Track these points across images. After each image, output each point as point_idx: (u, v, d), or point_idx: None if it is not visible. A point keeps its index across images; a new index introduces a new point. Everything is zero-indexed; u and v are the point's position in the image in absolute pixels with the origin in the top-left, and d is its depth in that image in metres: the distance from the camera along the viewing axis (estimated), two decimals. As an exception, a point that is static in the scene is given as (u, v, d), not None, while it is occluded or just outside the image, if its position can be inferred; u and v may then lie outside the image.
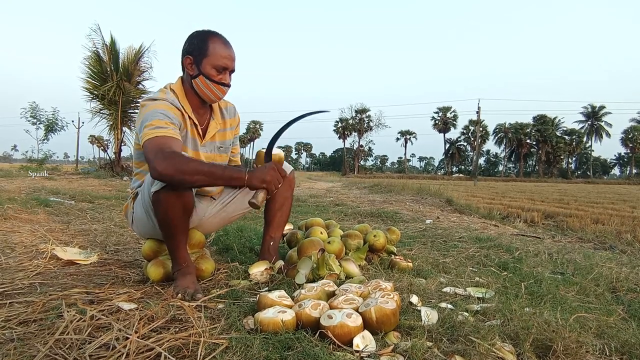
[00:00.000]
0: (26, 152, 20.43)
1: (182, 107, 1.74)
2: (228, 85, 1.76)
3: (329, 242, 2.01)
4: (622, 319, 1.45)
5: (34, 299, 1.42)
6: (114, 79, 11.74)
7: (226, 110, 1.96)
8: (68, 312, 1.25)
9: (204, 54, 1.69)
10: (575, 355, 1.08)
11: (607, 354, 1.12)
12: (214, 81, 1.72)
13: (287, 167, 2.12)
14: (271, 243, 2.05)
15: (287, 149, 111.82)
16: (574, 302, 1.59)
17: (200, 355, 1.03)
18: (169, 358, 0.99)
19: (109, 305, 1.33)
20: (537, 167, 75.09)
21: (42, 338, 1.08)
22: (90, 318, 1.19)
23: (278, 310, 1.23)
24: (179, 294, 1.52)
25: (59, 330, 1.10)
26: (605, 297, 1.72)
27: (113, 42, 12.07)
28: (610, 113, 69.19)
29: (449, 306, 1.49)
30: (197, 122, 1.79)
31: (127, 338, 1.07)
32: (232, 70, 1.77)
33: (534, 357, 1.11)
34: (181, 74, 1.82)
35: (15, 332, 1.13)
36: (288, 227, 2.48)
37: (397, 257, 2.15)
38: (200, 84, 1.73)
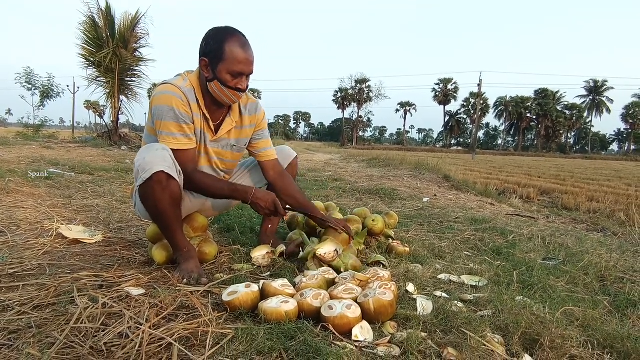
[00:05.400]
0: (22, 118, 20.24)
1: (197, 100, 1.68)
2: (244, 91, 1.68)
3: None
4: (608, 311, 1.53)
5: (45, 281, 1.48)
6: (110, 46, 11.43)
7: (245, 108, 1.88)
8: (80, 297, 1.31)
9: (220, 57, 1.60)
10: (561, 349, 1.15)
11: (591, 348, 1.19)
12: (229, 87, 1.64)
13: (291, 153, 2.15)
14: (269, 226, 2.12)
15: (285, 118, 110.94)
16: (563, 292, 1.66)
17: (209, 345, 1.09)
18: (179, 348, 1.06)
19: (118, 292, 1.38)
20: (536, 141, 74.96)
21: (58, 325, 1.14)
22: (103, 306, 1.25)
23: (281, 300, 1.29)
24: (185, 279, 1.58)
25: (74, 317, 1.16)
26: (593, 286, 1.79)
27: (109, 7, 11.67)
28: (612, 88, 68.65)
29: (444, 295, 1.56)
30: (209, 117, 1.74)
31: (139, 327, 1.13)
32: (250, 73, 1.68)
33: (522, 349, 1.18)
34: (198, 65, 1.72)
35: (31, 318, 1.19)
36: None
37: (395, 241, 2.20)
38: (215, 88, 1.65)
